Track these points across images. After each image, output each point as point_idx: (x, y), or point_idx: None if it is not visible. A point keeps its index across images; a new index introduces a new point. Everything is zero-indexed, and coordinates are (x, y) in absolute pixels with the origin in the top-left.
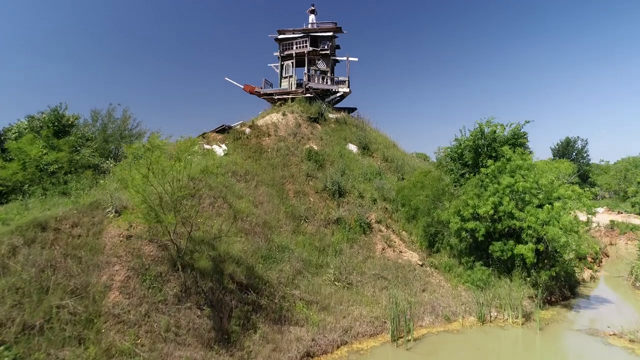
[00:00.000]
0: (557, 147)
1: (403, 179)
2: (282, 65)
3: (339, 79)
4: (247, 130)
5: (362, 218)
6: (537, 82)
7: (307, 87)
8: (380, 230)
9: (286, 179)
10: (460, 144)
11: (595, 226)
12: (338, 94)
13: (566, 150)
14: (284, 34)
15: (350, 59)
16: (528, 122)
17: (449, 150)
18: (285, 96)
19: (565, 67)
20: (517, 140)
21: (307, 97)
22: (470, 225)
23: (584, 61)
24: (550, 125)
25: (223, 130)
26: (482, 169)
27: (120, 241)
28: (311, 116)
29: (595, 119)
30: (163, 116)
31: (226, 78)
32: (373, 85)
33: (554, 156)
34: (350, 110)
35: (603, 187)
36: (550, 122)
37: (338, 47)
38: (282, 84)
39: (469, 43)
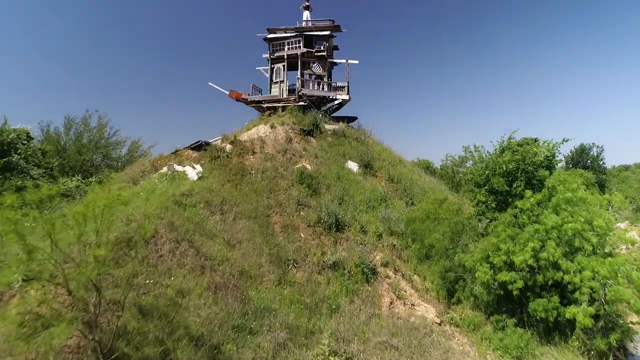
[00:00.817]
0: (570, 154)
1: (412, 203)
2: (272, 69)
3: (337, 84)
4: (228, 146)
5: (364, 261)
6: (542, 83)
7: (300, 94)
8: (387, 276)
9: (272, 208)
10: (487, 166)
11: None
12: (336, 102)
13: (581, 157)
14: (275, 32)
15: (349, 61)
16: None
17: (469, 172)
18: (275, 104)
19: (567, 69)
20: (551, 162)
21: (300, 105)
22: (504, 277)
23: (585, 62)
24: (551, 128)
25: (199, 146)
26: (518, 203)
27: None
28: (305, 128)
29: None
30: (146, 123)
31: (210, 83)
32: (375, 90)
33: (567, 165)
34: (350, 119)
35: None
36: (550, 124)
37: (336, 47)
38: (272, 90)
39: (477, 41)
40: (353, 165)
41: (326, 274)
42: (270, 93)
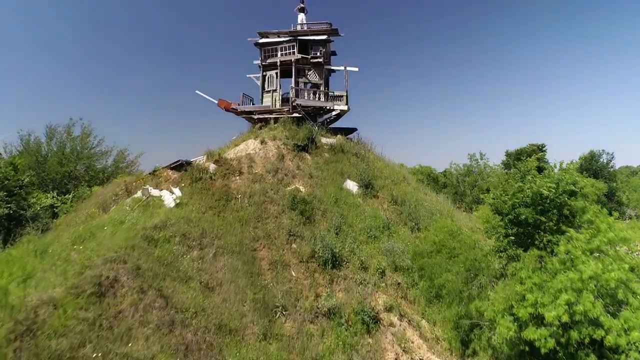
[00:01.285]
0: (580, 161)
1: (419, 229)
2: (264, 77)
3: (335, 93)
4: (212, 166)
5: (364, 308)
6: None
7: (294, 104)
8: (392, 324)
9: (259, 241)
10: (514, 195)
11: None
12: (334, 113)
13: (590, 164)
14: (267, 37)
15: (348, 68)
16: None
17: (492, 197)
18: (267, 115)
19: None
20: (582, 190)
21: (294, 117)
22: (532, 334)
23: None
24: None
25: (180, 166)
26: (561, 247)
27: None
28: (299, 143)
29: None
30: (134, 132)
31: (197, 92)
32: (376, 94)
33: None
34: (349, 131)
35: (631, 205)
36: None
37: (334, 53)
38: (263, 100)
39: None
40: (352, 186)
41: (320, 324)
42: (262, 103)
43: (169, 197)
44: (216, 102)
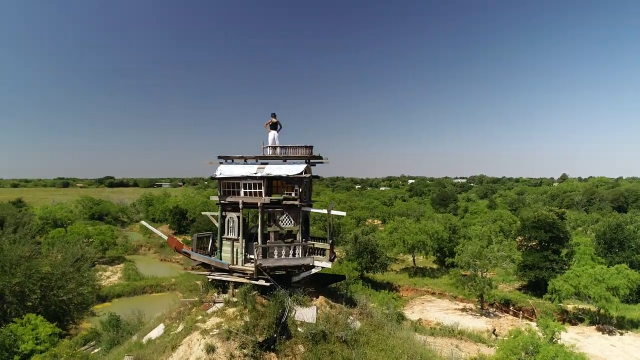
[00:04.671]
0: (602, 229)
1: None
2: (223, 217)
3: (315, 245)
4: None
5: None
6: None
7: (260, 267)
8: None
9: None
10: None
11: None
12: (313, 270)
13: (615, 234)
14: (228, 160)
15: (333, 212)
16: None
17: None
18: (226, 277)
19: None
20: None
21: (259, 285)
22: None
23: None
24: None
25: None
26: None
27: None
28: (263, 338)
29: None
30: None
31: (143, 222)
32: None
33: (598, 243)
34: (335, 279)
35: None
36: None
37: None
38: (223, 250)
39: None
40: None
41: None
42: (220, 253)
43: None
44: (166, 237)
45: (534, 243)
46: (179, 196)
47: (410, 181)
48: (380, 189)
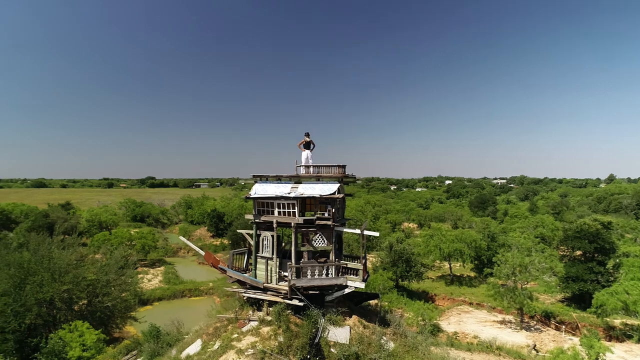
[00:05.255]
0: None
1: None
2: (258, 236)
3: (348, 265)
4: None
5: None
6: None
7: (292, 286)
8: None
9: None
10: None
11: None
12: (347, 290)
13: None
14: (262, 180)
15: (366, 232)
16: None
17: None
18: (260, 295)
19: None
20: None
21: (293, 305)
22: None
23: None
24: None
25: None
26: None
27: None
28: (297, 356)
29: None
30: None
31: (181, 237)
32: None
33: None
34: (368, 298)
35: None
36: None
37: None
38: (257, 268)
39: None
40: None
41: None
42: (255, 273)
43: None
44: (203, 253)
45: (577, 253)
46: (217, 199)
47: (448, 182)
48: (417, 190)
